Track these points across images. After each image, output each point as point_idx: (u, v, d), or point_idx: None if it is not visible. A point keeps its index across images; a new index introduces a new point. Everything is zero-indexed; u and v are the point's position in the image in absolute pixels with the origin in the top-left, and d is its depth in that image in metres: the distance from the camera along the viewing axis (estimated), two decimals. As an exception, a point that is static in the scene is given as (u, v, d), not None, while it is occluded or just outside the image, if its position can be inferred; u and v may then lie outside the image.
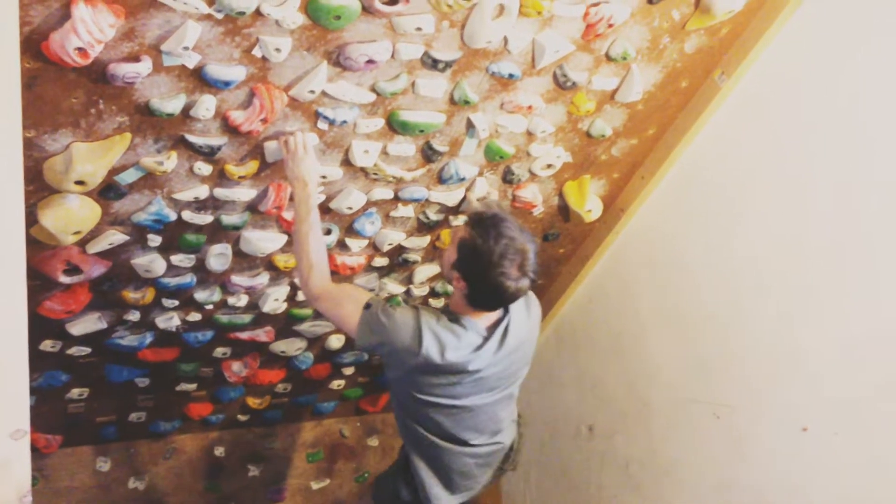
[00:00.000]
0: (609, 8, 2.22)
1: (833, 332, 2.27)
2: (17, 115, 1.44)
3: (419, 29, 2.12)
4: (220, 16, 1.92)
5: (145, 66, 1.96)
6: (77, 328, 2.76)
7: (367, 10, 2.03)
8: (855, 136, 2.21)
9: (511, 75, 2.36)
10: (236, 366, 3.39)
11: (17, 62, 1.41)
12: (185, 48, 1.95)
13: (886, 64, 2.11)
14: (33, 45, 1.82)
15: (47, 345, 2.83)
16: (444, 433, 2.54)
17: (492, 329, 2.38)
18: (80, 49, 1.81)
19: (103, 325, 2.81)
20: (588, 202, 2.97)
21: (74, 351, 2.91)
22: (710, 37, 2.43)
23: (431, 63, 2.24)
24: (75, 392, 3.21)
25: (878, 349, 2.14)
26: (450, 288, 3.30)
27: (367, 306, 2.30)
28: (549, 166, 2.80)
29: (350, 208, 2.67)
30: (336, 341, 3.47)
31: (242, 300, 2.98)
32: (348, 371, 3.80)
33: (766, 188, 2.49)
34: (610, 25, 2.27)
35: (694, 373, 2.80)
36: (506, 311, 2.41)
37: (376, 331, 2.28)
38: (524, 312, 2.47)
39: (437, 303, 3.42)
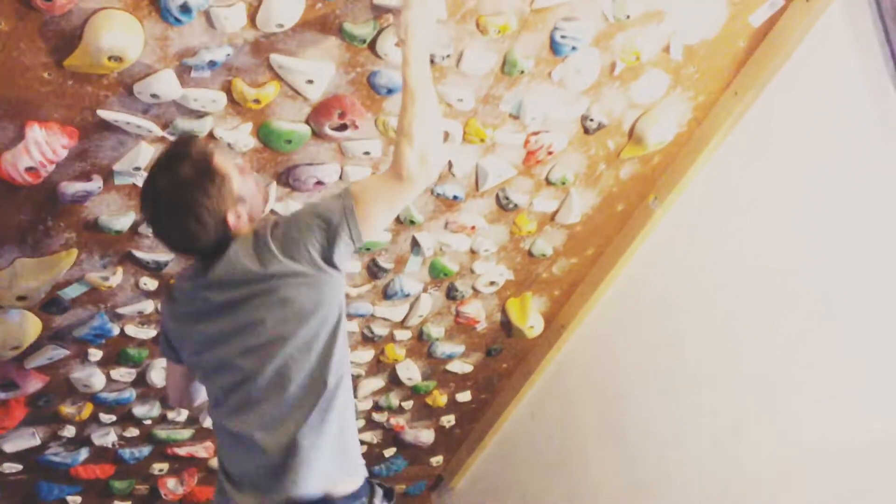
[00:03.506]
0: (548, 137, 2.34)
1: (771, 453, 2.32)
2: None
3: (367, 153, 2.20)
4: (172, 138, 1.97)
5: (96, 185, 1.99)
6: (10, 445, 2.68)
7: (316, 134, 2.11)
8: (778, 259, 2.32)
9: (455, 197, 2.44)
10: (172, 483, 3.30)
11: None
12: (137, 168, 1.99)
13: (806, 193, 2.25)
14: (-15, 163, 1.85)
15: (-24, 462, 2.74)
16: None
17: None
18: (30, 169, 1.84)
19: (37, 441, 2.74)
20: (530, 318, 3.03)
21: (5, 468, 2.82)
22: (643, 165, 2.57)
23: (378, 185, 2.31)
24: (3, 511, 3.09)
25: (815, 470, 2.20)
26: (394, 402, 3.30)
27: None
28: (492, 283, 2.87)
29: (295, 323, 2.68)
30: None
31: (182, 415, 2.94)
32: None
33: (699, 308, 2.58)
34: (549, 153, 2.38)
35: (634, 495, 2.81)
36: None
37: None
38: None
39: (381, 417, 3.40)
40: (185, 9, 1.67)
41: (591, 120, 2.34)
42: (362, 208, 1.76)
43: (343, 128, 2.10)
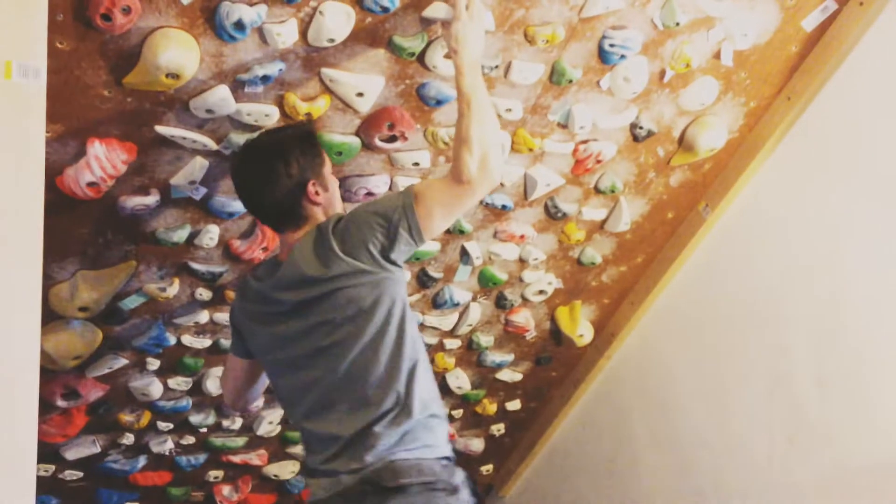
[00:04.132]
0: (597, 145, 2.34)
1: (827, 465, 2.28)
2: (39, 249, 1.49)
3: (416, 164, 2.22)
4: (227, 152, 2.02)
5: (154, 198, 2.04)
6: (72, 452, 2.74)
7: (367, 146, 2.14)
8: (832, 267, 2.29)
9: (504, 206, 2.45)
10: (227, 490, 3.35)
11: (41, 200, 1.48)
12: (193, 182, 2.04)
13: (861, 199, 2.22)
14: (47, 179, 1.89)
15: (39, 469, 2.81)
16: None
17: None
18: (91, 184, 1.89)
19: (97, 448, 2.80)
20: (579, 327, 3.02)
21: (66, 475, 2.89)
22: (693, 172, 2.55)
23: (428, 195, 2.33)
24: (64, 517, 3.16)
25: (874, 486, 2.15)
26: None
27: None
28: (541, 292, 2.87)
29: (346, 333, 2.71)
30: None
31: (237, 423, 2.98)
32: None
33: (752, 316, 2.55)
34: (598, 161, 2.38)
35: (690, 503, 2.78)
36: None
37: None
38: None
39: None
40: (240, 26, 1.71)
41: (641, 128, 2.33)
42: (422, 208, 1.77)
43: (392, 139, 2.12)
